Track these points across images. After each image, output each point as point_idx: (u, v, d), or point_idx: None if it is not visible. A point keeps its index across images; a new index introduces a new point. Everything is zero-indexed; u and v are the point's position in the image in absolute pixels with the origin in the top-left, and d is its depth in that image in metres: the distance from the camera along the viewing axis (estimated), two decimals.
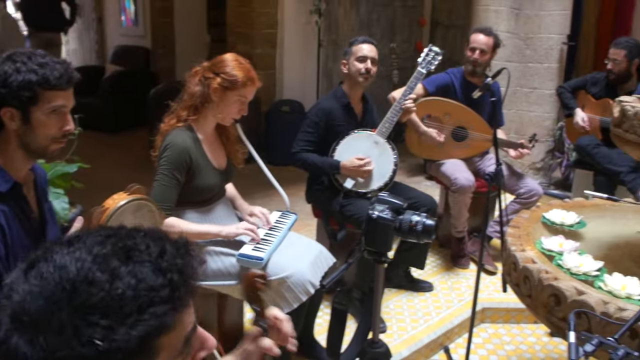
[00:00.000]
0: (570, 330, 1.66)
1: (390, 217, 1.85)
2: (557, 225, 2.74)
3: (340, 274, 1.87)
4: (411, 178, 6.12)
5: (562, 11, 5.55)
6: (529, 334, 3.59)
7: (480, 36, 4.12)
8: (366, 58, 3.46)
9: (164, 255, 0.89)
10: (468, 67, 4.17)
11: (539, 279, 2.19)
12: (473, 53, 4.11)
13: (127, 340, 0.81)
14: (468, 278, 4.05)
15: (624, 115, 2.26)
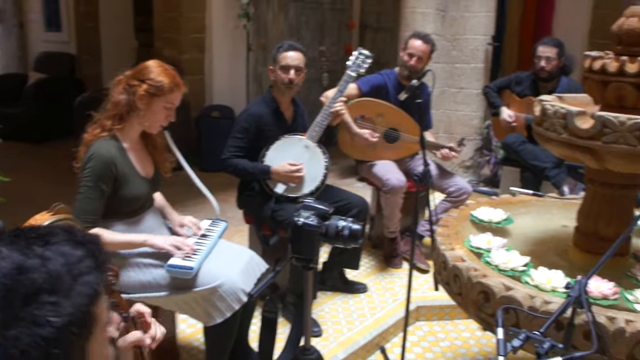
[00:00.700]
0: (498, 326, 1.69)
1: (316, 224, 1.83)
2: (485, 223, 2.79)
3: (267, 282, 1.84)
4: (343, 180, 6.14)
5: (487, 13, 5.68)
6: (463, 329, 3.65)
7: (419, 42, 4.16)
8: (289, 67, 3.43)
9: (75, 231, 1.00)
10: (404, 71, 4.20)
11: (468, 277, 2.22)
12: (410, 59, 4.15)
13: (73, 312, 0.90)
14: (402, 277, 4.09)
15: (545, 114, 2.31)
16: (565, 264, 2.48)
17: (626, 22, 2.24)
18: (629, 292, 2.14)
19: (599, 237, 2.45)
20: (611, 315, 1.95)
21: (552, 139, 2.29)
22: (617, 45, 2.27)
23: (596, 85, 2.29)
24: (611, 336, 1.91)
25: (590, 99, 2.58)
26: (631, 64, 2.16)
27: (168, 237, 2.63)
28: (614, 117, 2.08)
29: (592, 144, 2.14)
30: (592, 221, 2.46)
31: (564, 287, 2.11)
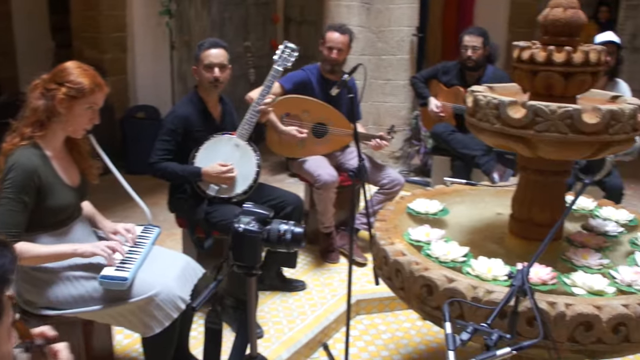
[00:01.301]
0: (446, 320, 1.69)
1: (257, 229, 1.77)
2: (422, 215, 2.80)
3: (209, 293, 1.78)
4: (274, 176, 6.09)
5: (411, 4, 5.73)
6: (404, 320, 3.67)
7: (336, 34, 4.14)
8: (213, 65, 3.33)
9: None
10: (326, 66, 4.18)
11: (410, 271, 2.22)
12: (330, 52, 4.12)
13: None
14: (339, 272, 4.08)
15: (477, 104, 2.33)
16: (503, 251, 2.52)
17: (551, 13, 2.28)
18: (566, 275, 2.18)
19: (533, 224, 2.49)
20: (551, 300, 1.98)
21: (486, 129, 2.31)
22: (544, 35, 2.31)
23: (525, 74, 2.32)
24: (553, 321, 1.94)
25: (518, 88, 2.62)
26: (558, 54, 2.20)
27: (98, 242, 2.52)
28: (545, 106, 2.11)
29: (525, 133, 2.17)
30: (527, 208, 2.50)
31: (506, 276, 2.14)
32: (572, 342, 1.97)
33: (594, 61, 2.22)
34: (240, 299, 3.34)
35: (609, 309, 1.95)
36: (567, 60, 2.19)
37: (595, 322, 1.94)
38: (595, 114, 2.10)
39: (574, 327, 1.95)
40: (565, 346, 1.97)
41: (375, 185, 4.25)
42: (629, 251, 2.50)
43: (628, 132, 2.18)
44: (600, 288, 2.09)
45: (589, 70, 2.23)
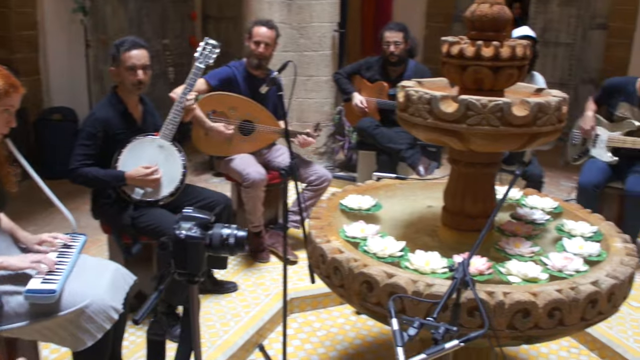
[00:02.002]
0: (392, 317, 1.68)
1: (200, 235, 1.72)
2: (355, 211, 2.80)
3: (152, 304, 1.71)
4: (199, 176, 5.98)
5: (331, 0, 5.74)
6: (337, 315, 3.68)
7: (264, 29, 4.10)
8: (136, 67, 3.22)
9: None
10: (253, 61, 4.13)
11: (349, 268, 2.21)
12: (258, 47, 4.08)
13: None
14: (271, 271, 4.05)
15: (409, 100, 2.34)
16: (437, 244, 2.56)
17: (478, 9, 2.32)
18: (501, 265, 2.24)
19: (466, 215, 2.54)
20: (490, 290, 2.02)
21: (418, 124, 2.33)
22: (471, 30, 2.36)
23: (455, 69, 2.36)
24: (492, 310, 1.98)
25: (446, 82, 2.67)
26: (486, 48, 2.25)
27: (26, 255, 2.39)
28: (476, 100, 2.15)
29: (458, 127, 2.21)
30: (459, 200, 2.55)
31: (446, 269, 2.16)
32: (511, 329, 2.02)
33: (520, 55, 2.28)
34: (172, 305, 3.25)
35: (544, 295, 2.01)
36: (495, 55, 2.24)
37: (532, 308, 1.99)
38: (524, 107, 2.16)
39: (513, 314, 2.00)
40: (504, 333, 2.02)
41: (303, 182, 4.24)
42: (557, 237, 2.59)
43: (554, 124, 2.25)
44: (535, 275, 2.15)
45: (516, 64, 2.29)
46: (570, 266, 2.23)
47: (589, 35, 7.79)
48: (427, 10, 8.00)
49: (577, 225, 2.62)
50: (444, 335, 1.63)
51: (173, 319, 3.21)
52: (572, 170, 4.56)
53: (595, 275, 2.18)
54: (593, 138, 4.46)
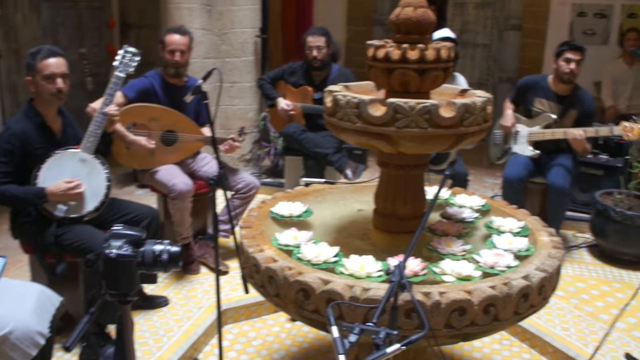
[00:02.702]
0: (332, 325, 1.66)
1: (131, 253, 1.64)
2: (286, 218, 2.77)
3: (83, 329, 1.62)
4: (123, 189, 5.81)
5: (252, 5, 5.70)
6: (272, 324, 3.64)
7: (176, 37, 4.01)
8: (55, 76, 3.08)
9: None
10: (170, 70, 4.03)
11: (284, 277, 2.18)
12: (173, 55, 3.99)
13: None
14: (202, 283, 3.97)
15: (337, 104, 2.34)
16: (370, 247, 2.57)
17: (402, 12, 2.34)
18: (435, 265, 2.26)
19: (396, 217, 2.56)
20: (426, 291, 2.04)
21: (347, 128, 2.32)
22: (396, 33, 2.37)
23: (381, 72, 2.37)
24: (429, 310, 1.99)
25: (373, 86, 2.68)
26: (412, 51, 2.26)
27: None
28: (404, 103, 2.16)
29: (386, 130, 2.22)
30: (390, 203, 2.56)
31: (382, 272, 2.17)
32: (448, 328, 2.04)
33: (445, 57, 2.31)
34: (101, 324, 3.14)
35: (478, 292, 2.04)
36: (420, 58, 2.26)
37: (468, 306, 2.02)
38: (451, 108, 2.19)
39: (449, 313, 2.02)
40: (442, 333, 2.04)
41: (230, 190, 4.17)
42: (487, 235, 2.64)
43: (480, 124, 2.30)
44: (468, 273, 2.18)
45: (441, 66, 2.32)
46: (501, 262, 2.28)
47: (505, 36, 8.06)
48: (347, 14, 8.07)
49: (505, 222, 2.68)
50: (385, 339, 1.62)
51: (103, 338, 3.09)
52: (495, 168, 4.69)
53: (525, 270, 2.24)
54: (514, 135, 4.60)
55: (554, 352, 3.35)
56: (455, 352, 3.38)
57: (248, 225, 2.66)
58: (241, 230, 2.62)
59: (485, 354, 3.39)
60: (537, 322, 3.52)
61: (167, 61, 4.01)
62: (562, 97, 4.47)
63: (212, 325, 3.44)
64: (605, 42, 7.40)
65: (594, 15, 7.38)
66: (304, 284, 2.12)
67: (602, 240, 4.57)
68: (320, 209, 2.95)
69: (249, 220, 2.72)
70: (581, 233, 4.96)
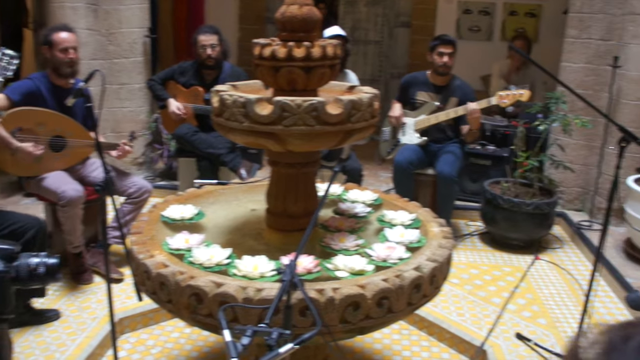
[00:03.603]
0: (223, 328, 1.63)
1: (3, 268, 1.55)
2: (178, 222, 2.71)
3: None
4: (8, 199, 5.49)
5: (140, 4, 5.54)
6: (171, 330, 3.55)
7: (65, 34, 3.82)
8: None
9: None
10: (65, 69, 3.83)
11: (175, 282, 2.13)
12: (67, 53, 3.80)
13: None
14: (96, 292, 3.82)
15: (224, 104, 2.30)
16: (263, 247, 2.55)
17: (288, 10, 2.33)
18: (328, 261, 2.27)
19: (289, 216, 2.56)
20: (319, 288, 2.04)
21: (234, 128, 2.30)
22: (282, 31, 2.36)
23: (268, 71, 2.35)
24: (323, 307, 2.00)
25: (261, 85, 2.66)
26: (298, 49, 2.26)
27: None
28: (290, 101, 2.16)
29: (274, 129, 2.21)
30: (281, 201, 2.56)
31: (274, 272, 2.15)
32: (343, 324, 2.06)
33: (331, 55, 2.32)
34: None
35: (372, 286, 2.07)
36: (306, 55, 2.27)
37: (362, 300, 2.04)
38: (338, 105, 2.20)
39: (344, 308, 2.03)
40: (337, 328, 2.05)
41: (122, 195, 4.04)
42: (379, 228, 2.68)
43: (368, 120, 2.33)
44: (361, 268, 2.21)
45: (327, 63, 2.33)
46: (393, 255, 2.32)
47: (395, 33, 8.25)
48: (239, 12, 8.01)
49: (396, 215, 2.74)
50: (277, 340, 1.60)
51: None
52: (389, 162, 4.80)
53: (417, 261, 2.29)
54: (401, 127, 4.73)
55: (450, 337, 3.46)
56: (356, 345, 3.42)
57: (138, 230, 2.58)
58: (131, 236, 2.54)
59: (386, 345, 3.46)
60: (434, 310, 3.63)
61: (60, 61, 3.80)
62: (440, 87, 4.70)
63: (108, 336, 3.31)
64: (489, 38, 7.73)
65: (479, 12, 7.69)
66: (196, 288, 2.08)
67: (492, 227, 4.76)
68: (212, 210, 2.90)
69: (139, 225, 2.64)
70: (473, 221, 5.15)
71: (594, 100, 4.57)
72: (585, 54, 5.15)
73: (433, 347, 3.46)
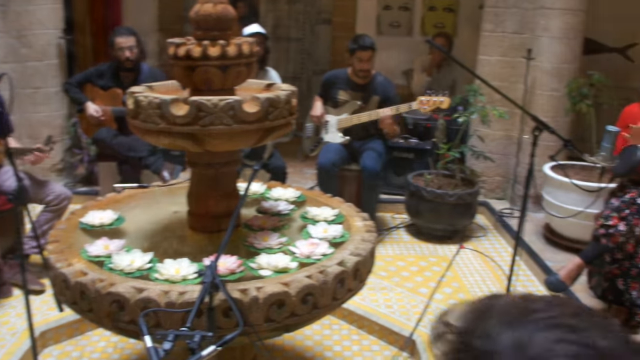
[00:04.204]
0: (144, 334, 1.60)
1: None
2: (97, 228, 2.63)
3: None
4: None
5: (53, 5, 5.34)
6: (97, 340, 3.46)
7: None
8: None
9: None
10: None
11: (95, 290, 2.07)
12: None
13: None
14: (15, 306, 3.67)
15: (139, 106, 2.25)
16: (188, 249, 2.51)
17: (202, 8, 2.31)
18: (251, 260, 2.26)
19: (211, 216, 2.54)
20: (243, 288, 2.03)
21: (151, 130, 2.26)
22: (197, 30, 2.33)
23: (183, 70, 2.32)
24: (248, 307, 1.99)
25: (178, 85, 2.62)
26: (213, 48, 2.24)
27: None
28: (207, 100, 2.13)
29: (191, 129, 2.18)
30: (202, 202, 2.54)
31: (196, 274, 2.12)
32: (269, 322, 2.05)
33: (247, 53, 2.31)
34: None
35: (295, 283, 2.07)
36: (222, 54, 2.25)
37: (286, 298, 2.04)
38: (255, 103, 2.19)
39: (268, 307, 2.03)
40: (263, 327, 2.05)
41: (40, 203, 3.91)
42: (302, 225, 2.68)
43: (286, 117, 2.32)
44: (285, 265, 2.21)
45: (244, 61, 2.32)
46: (317, 251, 2.32)
47: (316, 30, 8.28)
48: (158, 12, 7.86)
49: (320, 211, 2.74)
50: (200, 342, 1.58)
51: None
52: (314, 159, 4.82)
53: (340, 256, 2.30)
54: (324, 125, 4.76)
55: (380, 329, 3.51)
56: (286, 343, 3.42)
57: (56, 239, 2.49)
58: (48, 245, 2.45)
59: (317, 341, 3.48)
60: (363, 304, 3.67)
61: None
62: (361, 86, 4.71)
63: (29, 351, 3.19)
64: (409, 33, 7.84)
65: (399, 8, 7.79)
66: (117, 295, 2.03)
67: (417, 219, 4.85)
68: (133, 214, 2.83)
69: (56, 234, 2.55)
70: (399, 214, 5.23)
71: (510, 91, 4.72)
72: (501, 47, 5.31)
73: (363, 340, 3.51)
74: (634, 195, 3.40)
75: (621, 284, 3.44)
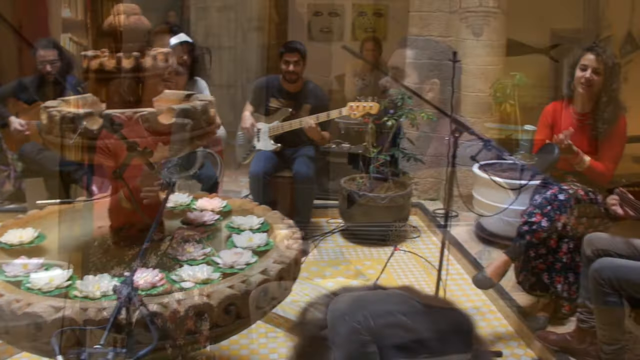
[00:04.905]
0: (57, 354, 1.58)
1: None
2: (17, 247, 2.56)
3: None
4: None
5: None
6: None
7: None
8: None
9: None
10: None
11: (11, 311, 2.02)
12: None
13: None
14: None
15: (52, 121, 2.21)
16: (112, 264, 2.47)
17: (115, 20, 2.28)
18: (173, 273, 2.24)
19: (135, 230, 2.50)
20: (163, 301, 2.01)
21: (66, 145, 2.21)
22: (112, 42, 2.30)
23: (98, 84, 2.29)
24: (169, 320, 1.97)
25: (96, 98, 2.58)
26: (127, 60, 2.22)
27: None
28: (120, 113, 2.11)
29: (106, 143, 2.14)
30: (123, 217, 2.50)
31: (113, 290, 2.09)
32: (191, 335, 2.03)
33: (162, 64, 2.29)
34: None
35: (217, 294, 2.07)
36: (136, 66, 2.23)
37: (208, 309, 2.03)
38: (170, 114, 2.18)
39: (190, 319, 2.01)
40: (186, 340, 2.03)
41: None
42: (228, 235, 2.67)
43: (204, 127, 2.31)
44: (207, 276, 2.20)
45: (159, 73, 2.30)
46: (240, 260, 2.32)
47: (249, 37, 8.25)
48: None
49: (245, 220, 2.74)
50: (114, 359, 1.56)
51: None
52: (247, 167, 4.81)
53: (264, 265, 2.31)
54: (256, 133, 4.76)
55: None
56: (222, 354, 3.39)
57: None
58: None
59: (253, 350, 3.45)
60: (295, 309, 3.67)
61: None
62: (293, 94, 4.74)
63: None
64: (340, 38, 7.92)
65: (329, 14, 7.85)
66: (33, 315, 1.98)
67: (351, 222, 4.89)
68: (56, 231, 2.77)
69: None
70: (334, 219, 5.25)
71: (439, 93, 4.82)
72: (428, 50, 5.41)
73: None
74: (555, 192, 3.50)
75: (546, 278, 3.53)
